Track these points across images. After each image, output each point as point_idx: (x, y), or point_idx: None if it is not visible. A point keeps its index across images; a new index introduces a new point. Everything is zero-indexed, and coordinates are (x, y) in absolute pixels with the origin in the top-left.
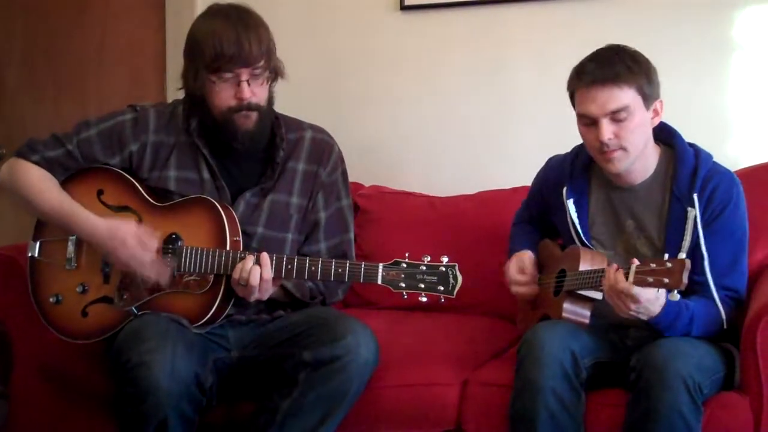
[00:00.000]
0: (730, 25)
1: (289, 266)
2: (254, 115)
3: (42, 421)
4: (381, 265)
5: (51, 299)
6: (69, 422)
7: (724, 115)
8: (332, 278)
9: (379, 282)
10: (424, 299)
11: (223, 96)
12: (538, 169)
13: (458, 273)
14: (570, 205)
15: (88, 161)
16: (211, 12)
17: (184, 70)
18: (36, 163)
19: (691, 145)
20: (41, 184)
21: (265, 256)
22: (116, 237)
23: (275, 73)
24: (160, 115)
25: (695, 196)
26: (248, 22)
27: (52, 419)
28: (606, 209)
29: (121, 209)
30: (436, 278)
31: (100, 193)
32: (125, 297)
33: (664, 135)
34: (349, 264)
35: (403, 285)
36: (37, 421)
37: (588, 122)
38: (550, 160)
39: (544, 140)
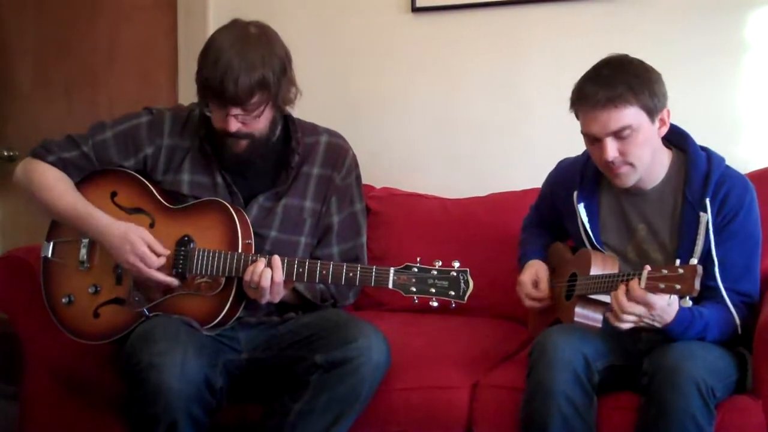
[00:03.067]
0: (743, 26)
1: (301, 269)
2: (244, 141)
3: (53, 422)
4: (392, 270)
5: (63, 300)
6: (80, 424)
7: (736, 116)
8: (343, 282)
9: (390, 286)
10: (435, 304)
11: (215, 120)
12: (550, 171)
13: (469, 278)
14: (581, 209)
15: (102, 163)
16: (226, 31)
17: None
18: (52, 163)
19: (704, 148)
20: (56, 184)
21: (276, 258)
22: (127, 240)
23: (279, 102)
24: (176, 119)
25: (707, 201)
26: (246, 57)
27: (63, 420)
28: (617, 213)
29: (134, 211)
30: (447, 283)
31: (113, 194)
32: (137, 298)
33: (676, 138)
34: (360, 268)
35: (414, 289)
36: (48, 423)
37: (592, 140)
38: (561, 162)
39: (556, 142)
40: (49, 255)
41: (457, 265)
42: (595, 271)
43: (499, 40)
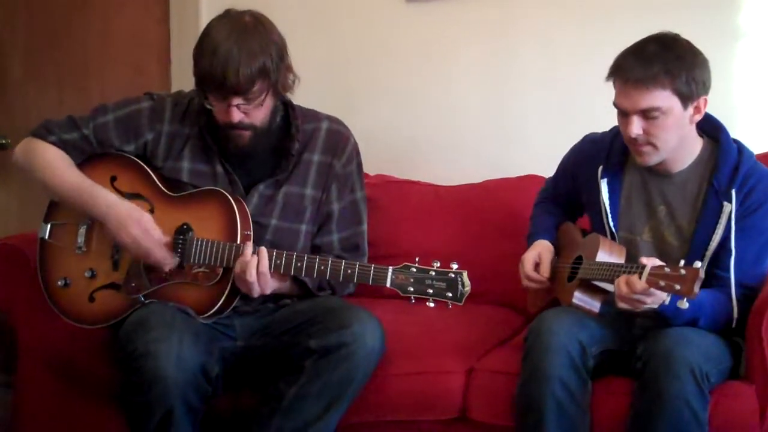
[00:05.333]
0: (737, 11)
1: (299, 264)
2: (247, 133)
3: (47, 410)
4: (390, 269)
5: (59, 282)
6: (74, 411)
7: (730, 103)
8: (341, 278)
9: (388, 285)
10: (432, 305)
11: (217, 112)
12: (544, 158)
13: (467, 280)
14: (603, 185)
15: (103, 146)
16: (222, 21)
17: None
18: (52, 143)
19: (735, 141)
20: (58, 163)
21: (262, 250)
22: (132, 216)
23: (279, 89)
24: (176, 106)
25: (733, 192)
26: (246, 46)
27: (57, 408)
28: (639, 193)
29: (133, 196)
30: (444, 284)
31: (113, 179)
32: (133, 285)
33: (709, 128)
34: (359, 265)
35: (412, 289)
36: (42, 411)
37: (622, 113)
38: (587, 136)
39: (551, 129)
40: (46, 236)
41: (455, 266)
42: (601, 257)
43: (492, 29)
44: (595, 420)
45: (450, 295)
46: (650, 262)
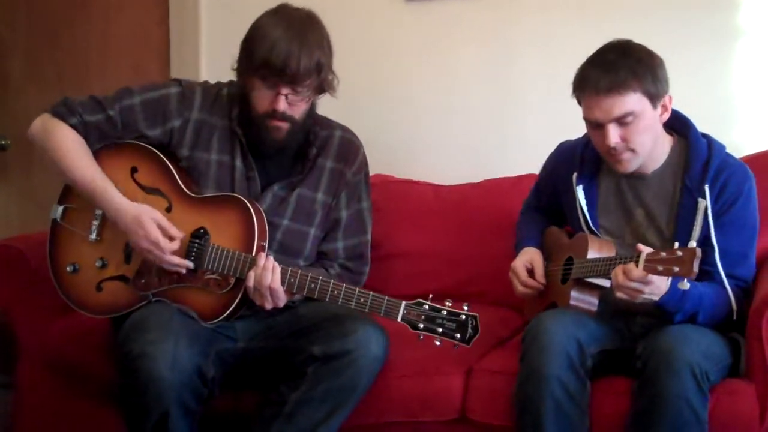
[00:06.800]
0: (736, 10)
1: (313, 285)
2: (286, 126)
3: (47, 410)
4: (404, 304)
5: (68, 267)
6: (73, 412)
7: (729, 101)
8: (353, 305)
9: (399, 320)
10: (438, 343)
11: (261, 100)
12: (543, 157)
13: (478, 324)
14: (579, 191)
15: (127, 130)
16: (278, 14)
17: (238, 57)
18: (73, 126)
19: (705, 135)
20: (75, 151)
21: (276, 267)
22: (140, 225)
23: (323, 89)
24: (206, 95)
25: (707, 188)
26: (306, 39)
27: (57, 409)
28: (615, 197)
29: (152, 191)
30: (454, 325)
31: (134, 170)
32: (143, 281)
33: (678, 125)
34: (372, 295)
35: (422, 326)
36: (42, 411)
37: (594, 126)
38: (561, 144)
39: (549, 128)
40: (59, 218)
41: (466, 307)
42: (592, 254)
43: (492, 29)
44: (594, 420)
45: (459, 336)
46: (645, 248)
